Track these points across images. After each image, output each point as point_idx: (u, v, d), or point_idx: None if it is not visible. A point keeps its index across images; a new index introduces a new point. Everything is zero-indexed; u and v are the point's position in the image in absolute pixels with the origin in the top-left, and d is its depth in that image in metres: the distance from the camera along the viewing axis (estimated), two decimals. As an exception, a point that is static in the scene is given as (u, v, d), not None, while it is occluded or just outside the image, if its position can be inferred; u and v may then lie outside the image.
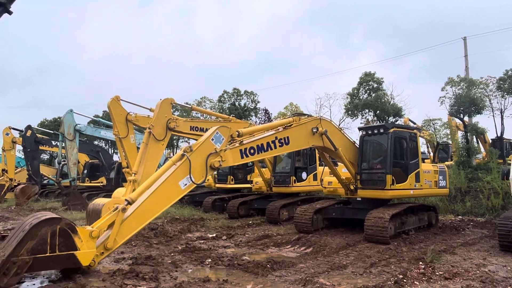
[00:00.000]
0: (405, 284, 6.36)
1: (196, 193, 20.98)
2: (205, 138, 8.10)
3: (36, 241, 5.93)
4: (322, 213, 12.03)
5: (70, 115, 20.17)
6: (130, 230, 7.09)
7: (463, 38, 28.20)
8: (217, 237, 11.21)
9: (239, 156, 8.62)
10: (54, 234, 6.09)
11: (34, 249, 5.91)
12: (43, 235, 5.99)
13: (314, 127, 10.29)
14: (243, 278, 6.88)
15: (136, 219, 7.12)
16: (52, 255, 6.08)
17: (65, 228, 6.21)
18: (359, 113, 24.29)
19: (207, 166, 7.90)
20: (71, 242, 6.26)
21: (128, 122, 15.38)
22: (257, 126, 9.45)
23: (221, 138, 8.25)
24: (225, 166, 8.46)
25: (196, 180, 7.72)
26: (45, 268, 6.29)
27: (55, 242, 6.10)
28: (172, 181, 7.49)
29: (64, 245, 6.19)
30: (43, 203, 22.36)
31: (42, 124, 44.53)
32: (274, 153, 9.55)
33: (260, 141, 9.09)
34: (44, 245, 5.98)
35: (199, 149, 7.89)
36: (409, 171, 11.04)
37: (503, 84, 20.77)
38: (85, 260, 6.43)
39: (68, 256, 6.24)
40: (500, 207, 14.79)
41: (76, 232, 6.35)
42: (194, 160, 7.71)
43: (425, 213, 12.10)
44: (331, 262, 7.98)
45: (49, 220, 6.12)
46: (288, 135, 9.67)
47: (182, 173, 7.59)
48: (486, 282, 6.46)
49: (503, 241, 8.86)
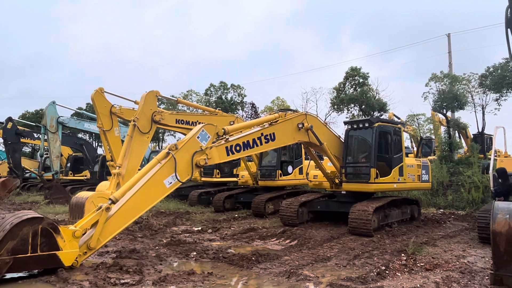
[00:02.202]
0: (387, 276, 6.47)
1: (181, 187, 20.72)
2: (190, 136, 8.03)
3: (17, 241, 5.82)
4: (307, 206, 12.13)
5: (53, 107, 19.75)
6: (114, 230, 7.02)
7: (447, 34, 28.63)
8: (202, 230, 11.20)
9: (225, 154, 8.61)
10: (36, 234, 5.98)
11: (15, 249, 5.79)
12: (25, 235, 5.87)
13: (300, 123, 10.33)
14: (228, 271, 6.90)
15: (120, 218, 7.04)
16: (33, 255, 5.97)
17: (47, 228, 6.10)
18: (344, 108, 24.52)
19: (192, 164, 7.85)
20: (53, 242, 6.16)
21: (113, 115, 15.16)
22: (243, 123, 9.43)
23: (207, 136, 8.21)
24: (211, 163, 8.42)
25: (181, 178, 7.67)
26: (26, 268, 6.19)
27: (37, 242, 5.99)
28: (156, 180, 7.41)
29: (46, 245, 6.08)
30: (24, 197, 21.94)
31: (23, 116, 43.53)
32: (260, 149, 9.57)
33: (246, 138, 9.08)
34: (25, 245, 5.87)
35: (185, 147, 7.82)
36: (393, 165, 11.20)
37: (484, 80, 21.20)
38: (67, 260, 6.35)
39: (50, 257, 6.15)
40: (480, 201, 15.17)
41: (59, 232, 6.23)
42: (179, 159, 7.64)
43: (408, 206, 12.32)
44: (315, 254, 8.07)
45: (31, 220, 6.01)
46: (274, 131, 9.67)
47: (167, 171, 7.52)
48: (465, 273, 6.63)
49: (482, 233, 9.10)
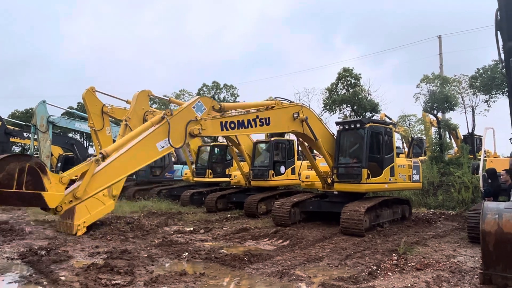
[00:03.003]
0: (379, 275, 6.51)
1: (174, 186, 20.81)
2: (186, 105, 8.18)
3: (3, 174, 5.65)
4: (299, 207, 12.16)
5: (43, 106, 19.54)
6: (101, 184, 6.93)
7: (438, 36, 28.96)
8: (194, 230, 11.16)
9: (219, 128, 8.76)
10: (23, 171, 5.81)
11: (0, 183, 5.66)
12: (11, 170, 5.72)
13: (295, 113, 10.43)
14: (220, 271, 6.89)
15: (109, 173, 6.98)
16: (18, 191, 5.79)
17: (34, 167, 5.93)
18: (337, 108, 24.60)
19: (186, 132, 7.98)
20: (39, 181, 5.98)
21: (104, 114, 15.06)
22: (239, 103, 9.54)
23: (203, 108, 8.37)
24: (205, 135, 8.58)
25: (174, 144, 7.73)
26: (9, 203, 6.02)
27: (23, 180, 5.81)
28: (149, 141, 7.49)
29: (32, 184, 5.91)
30: (14, 197, 21.64)
31: (13, 115, 42.99)
32: (254, 131, 9.67)
33: (241, 117, 9.22)
34: (10, 180, 5.72)
35: (180, 115, 7.95)
36: (384, 165, 11.28)
37: (474, 82, 21.47)
38: (52, 202, 6.17)
39: (35, 195, 5.98)
40: (470, 201, 15.34)
41: (46, 173, 6.08)
42: (174, 124, 7.76)
43: (399, 206, 12.41)
44: (307, 254, 8.09)
45: (19, 157, 5.96)
46: (269, 116, 9.79)
47: (161, 135, 7.61)
48: (455, 272, 6.70)
49: (471, 233, 9.20)
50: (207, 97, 8.69)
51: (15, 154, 5.97)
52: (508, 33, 4.84)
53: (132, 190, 20.25)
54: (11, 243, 9.18)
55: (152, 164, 21.75)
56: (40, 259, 7.41)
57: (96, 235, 9.98)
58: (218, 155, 19.62)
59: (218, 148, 19.67)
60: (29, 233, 10.39)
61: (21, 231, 10.44)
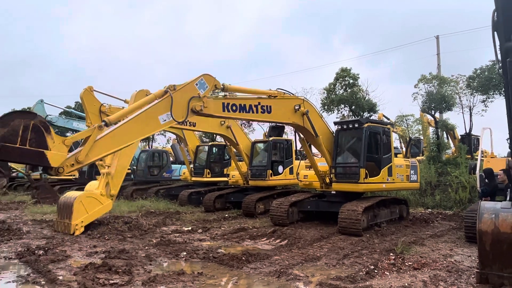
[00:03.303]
0: (376, 275, 6.54)
1: (172, 186, 20.80)
2: (189, 81, 8.26)
3: (8, 130, 5.74)
4: (297, 206, 12.17)
5: (41, 105, 19.50)
6: (102, 150, 7.08)
7: (435, 36, 29.03)
8: (192, 230, 11.16)
9: (220, 109, 8.89)
10: (27, 128, 5.90)
11: (5, 137, 5.73)
12: (16, 126, 5.80)
13: (297, 105, 10.53)
14: (218, 271, 6.89)
15: (111, 141, 7.13)
16: (21, 147, 5.88)
17: (38, 125, 6.02)
18: (335, 108, 24.63)
19: (188, 108, 8.10)
20: (43, 140, 6.07)
21: (102, 114, 15.04)
22: (243, 87, 9.65)
23: (205, 86, 8.50)
24: (206, 113, 8.64)
25: (176, 118, 7.89)
26: (12, 158, 6.10)
27: (27, 136, 5.89)
28: (152, 114, 7.65)
29: (36, 142, 6.00)
30: (11, 197, 21.57)
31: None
32: (255, 117, 9.75)
33: (244, 101, 9.35)
34: (15, 136, 5.79)
35: (183, 90, 8.08)
36: (382, 165, 11.31)
37: (472, 82, 21.52)
38: (54, 161, 6.25)
39: (38, 153, 6.03)
40: (467, 200, 15.40)
41: (49, 132, 6.16)
42: (176, 99, 7.89)
43: (396, 206, 12.45)
44: (305, 254, 8.10)
45: (24, 113, 5.99)
46: (271, 105, 9.90)
47: (163, 108, 7.76)
48: (452, 271, 6.73)
49: (468, 232, 9.24)
50: (210, 75, 8.75)
51: (20, 110, 6.05)
52: (505, 34, 4.87)
53: (130, 189, 20.22)
54: (8, 242, 9.16)
55: (150, 163, 21.90)
56: (37, 259, 7.39)
57: (94, 235, 9.97)
58: (216, 155, 19.62)
59: (216, 147, 19.67)
60: (26, 232, 10.36)
61: (19, 231, 10.41)
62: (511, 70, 4.94)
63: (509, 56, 4.89)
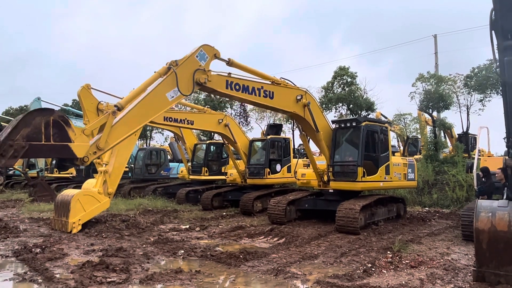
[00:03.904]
0: (373, 273, 6.56)
1: (169, 184, 20.78)
2: (190, 54, 8.29)
3: (31, 129, 6.01)
4: (295, 205, 12.19)
5: (38, 103, 19.41)
6: (120, 135, 7.46)
7: (433, 35, 29.07)
8: (190, 228, 11.16)
9: (224, 85, 8.97)
10: (48, 124, 6.17)
11: (30, 136, 6.04)
12: (37, 124, 6.08)
13: (299, 95, 10.60)
14: (216, 269, 6.90)
15: (126, 125, 7.47)
16: (47, 143, 6.19)
17: (58, 120, 6.31)
18: (333, 107, 24.65)
19: (193, 80, 8.21)
20: (65, 134, 6.38)
21: (99, 111, 14.98)
22: (247, 66, 9.65)
23: (205, 56, 8.54)
24: (210, 86, 8.68)
25: (183, 92, 8.07)
26: (41, 155, 6.80)
27: (50, 132, 6.20)
28: (159, 92, 7.80)
29: (59, 136, 6.32)
30: (8, 194, 21.51)
31: (7, 112, 42.63)
32: (257, 100, 9.75)
33: (247, 83, 9.46)
34: (39, 134, 6.08)
35: (185, 64, 8.15)
36: (380, 163, 11.32)
37: (469, 81, 21.57)
38: (79, 152, 6.63)
39: (63, 147, 6.39)
40: (464, 199, 15.46)
41: (70, 125, 6.45)
42: (180, 74, 8.01)
43: (394, 204, 12.48)
44: (303, 252, 8.12)
45: (43, 111, 6.26)
46: (274, 91, 10.02)
47: (169, 85, 7.91)
48: (449, 269, 6.76)
49: (465, 231, 9.28)
50: (208, 45, 8.73)
51: (40, 108, 6.26)
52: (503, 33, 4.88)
53: (127, 187, 20.19)
54: (5, 240, 9.13)
55: (147, 161, 21.87)
56: (35, 257, 7.37)
57: (91, 233, 9.96)
58: (214, 153, 19.61)
59: (214, 146, 19.66)
60: (23, 230, 10.33)
61: (16, 229, 10.38)
62: (509, 69, 4.95)
63: (507, 55, 4.91)
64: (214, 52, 8.81)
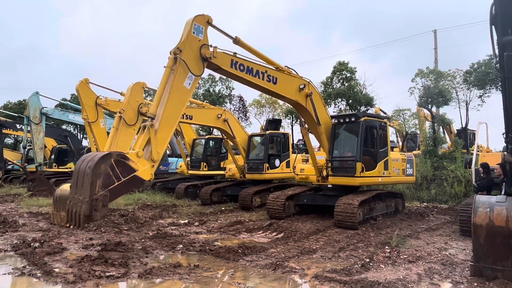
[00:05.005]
0: (372, 267, 6.58)
1: (168, 179, 20.79)
2: (186, 34, 8.24)
3: (102, 177, 6.77)
4: (294, 200, 12.21)
5: (36, 97, 19.32)
6: (164, 139, 7.95)
7: (433, 31, 28.99)
8: (189, 223, 11.18)
9: (229, 64, 9.03)
10: (112, 166, 6.90)
11: (105, 184, 6.80)
12: (105, 171, 6.80)
13: (302, 84, 10.64)
14: (215, 263, 6.92)
15: (165, 128, 7.90)
16: (120, 182, 6.98)
17: (118, 159, 7.04)
18: (332, 102, 24.62)
19: (201, 57, 8.35)
20: (128, 167, 7.14)
21: (98, 106, 14.96)
22: (252, 47, 9.62)
23: (201, 28, 8.45)
24: (214, 63, 8.66)
25: (196, 73, 8.28)
26: (120, 193, 7.25)
27: (117, 172, 6.95)
28: (177, 86, 8.03)
29: (125, 171, 7.07)
30: (7, 189, 21.51)
31: (6, 106, 42.50)
32: (260, 83, 9.75)
33: (252, 65, 9.51)
34: (110, 178, 6.85)
35: (187, 46, 8.19)
36: (378, 159, 11.34)
37: (469, 77, 21.55)
38: (145, 175, 7.43)
39: (133, 178, 7.18)
40: (462, 195, 15.51)
41: (128, 158, 7.20)
42: (187, 58, 8.11)
43: (392, 199, 12.52)
44: (301, 247, 8.14)
45: (102, 158, 6.85)
46: (277, 77, 10.05)
47: (182, 75, 8.09)
48: (446, 264, 6.79)
49: (463, 226, 9.32)
50: (199, 15, 8.52)
51: (99, 158, 6.80)
52: (503, 28, 4.87)
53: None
54: (4, 235, 9.14)
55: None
56: (33, 251, 7.39)
57: (90, 227, 9.95)
58: (213, 148, 19.60)
59: (213, 141, 19.64)
60: (22, 225, 10.34)
61: (15, 223, 10.38)
62: (509, 64, 4.94)
63: (507, 50, 4.89)
64: (206, 19, 8.56)
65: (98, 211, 6.71)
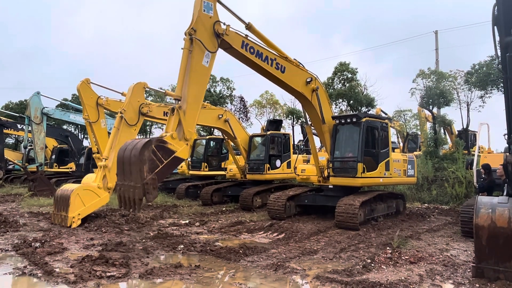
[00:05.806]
0: (373, 268, 6.56)
1: (169, 179, 20.77)
2: (198, 13, 8.35)
3: (148, 163, 7.20)
4: (294, 200, 12.20)
5: (37, 97, 19.33)
6: (193, 119, 8.30)
7: (434, 31, 28.97)
8: (190, 223, 11.17)
9: (240, 44, 9.18)
10: (154, 151, 7.35)
11: (151, 168, 7.25)
12: (149, 156, 7.24)
13: (309, 78, 10.72)
14: (216, 264, 6.91)
15: (193, 107, 8.21)
16: (163, 165, 7.46)
17: (157, 144, 7.47)
18: (333, 103, 24.60)
19: (215, 33, 8.51)
20: (167, 149, 7.59)
21: (99, 106, 14.96)
22: (265, 35, 9.79)
23: (210, 5, 8.58)
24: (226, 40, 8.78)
25: (211, 50, 8.46)
26: (166, 175, 7.92)
27: (159, 156, 7.40)
28: (196, 66, 8.24)
29: (166, 154, 7.53)
30: (8, 189, 21.52)
31: (7, 106, 42.53)
32: (268, 69, 9.82)
33: (262, 50, 9.66)
34: (154, 162, 7.30)
35: (200, 25, 8.34)
36: (380, 160, 11.32)
37: (470, 78, 21.51)
38: (184, 154, 7.94)
39: (174, 159, 7.67)
40: (464, 196, 15.47)
41: (166, 142, 7.64)
42: (202, 36, 8.29)
43: (393, 200, 12.50)
44: (302, 247, 8.13)
45: (145, 145, 7.23)
46: (286, 66, 10.18)
47: (199, 54, 8.30)
48: (448, 265, 6.77)
49: (464, 227, 9.30)
50: None
51: (141, 146, 7.16)
52: (505, 29, 4.85)
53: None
54: (5, 234, 9.13)
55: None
56: (34, 251, 7.38)
57: (91, 228, 9.96)
58: (214, 149, 19.59)
59: (213, 141, 19.64)
60: (23, 225, 10.33)
61: (15, 223, 10.38)
62: (511, 65, 4.93)
63: (509, 50, 4.88)
64: None
65: (150, 193, 7.15)
